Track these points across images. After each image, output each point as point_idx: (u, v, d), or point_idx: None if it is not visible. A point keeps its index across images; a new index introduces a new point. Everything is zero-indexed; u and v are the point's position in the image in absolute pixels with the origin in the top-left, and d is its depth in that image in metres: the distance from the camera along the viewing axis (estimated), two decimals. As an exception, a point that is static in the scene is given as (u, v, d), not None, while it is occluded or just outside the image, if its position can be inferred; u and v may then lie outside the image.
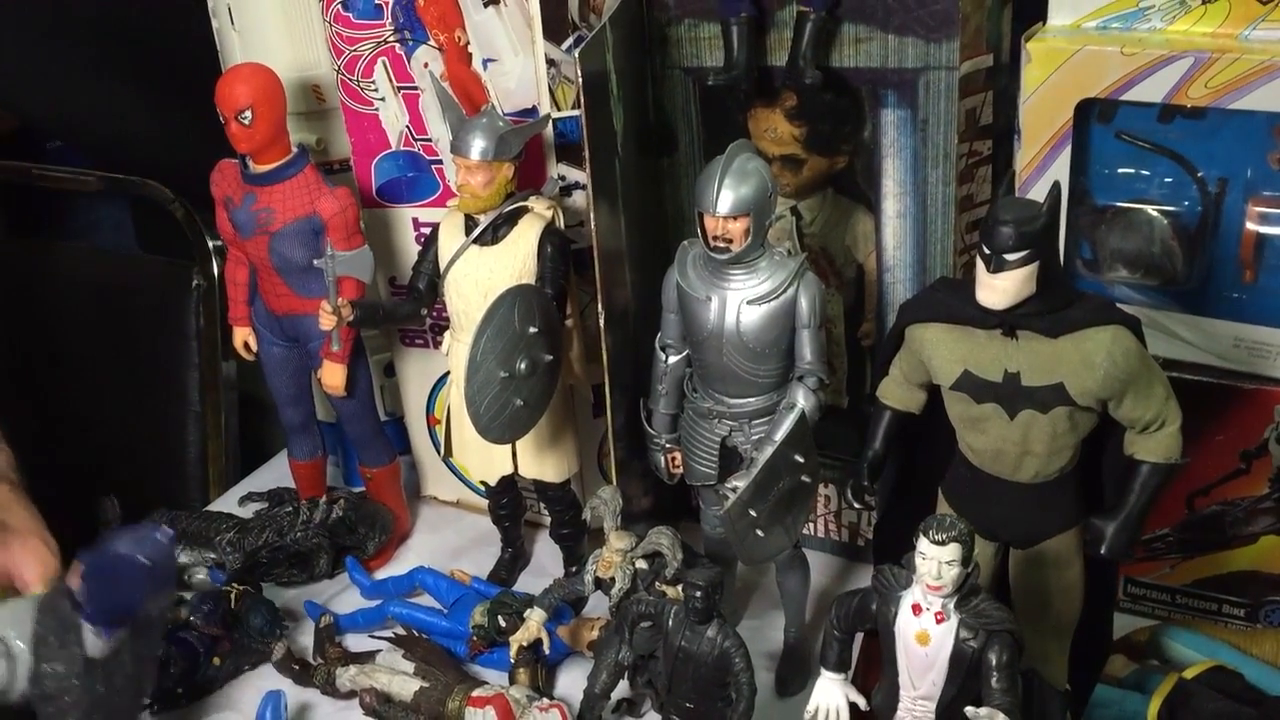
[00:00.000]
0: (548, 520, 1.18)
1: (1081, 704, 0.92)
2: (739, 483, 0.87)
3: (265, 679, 1.09)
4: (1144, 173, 1.00)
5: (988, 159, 1.06)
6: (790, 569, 1.02)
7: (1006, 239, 0.75)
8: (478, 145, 1.00)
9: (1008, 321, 0.78)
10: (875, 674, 0.80)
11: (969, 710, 0.70)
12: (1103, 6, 0.98)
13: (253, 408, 1.60)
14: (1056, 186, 0.77)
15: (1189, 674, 0.93)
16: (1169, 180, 1.00)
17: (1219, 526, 1.03)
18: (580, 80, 0.91)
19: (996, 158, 1.07)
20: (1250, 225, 0.97)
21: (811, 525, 1.19)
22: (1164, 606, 1.08)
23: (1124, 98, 0.95)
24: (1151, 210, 1.00)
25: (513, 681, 1.02)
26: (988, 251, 0.76)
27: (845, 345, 1.12)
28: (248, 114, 1.04)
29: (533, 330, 0.98)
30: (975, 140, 1.05)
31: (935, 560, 0.71)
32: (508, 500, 1.17)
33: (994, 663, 0.72)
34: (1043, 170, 1.00)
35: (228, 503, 1.37)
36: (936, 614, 0.73)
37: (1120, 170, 1.01)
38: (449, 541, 1.28)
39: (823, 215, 1.10)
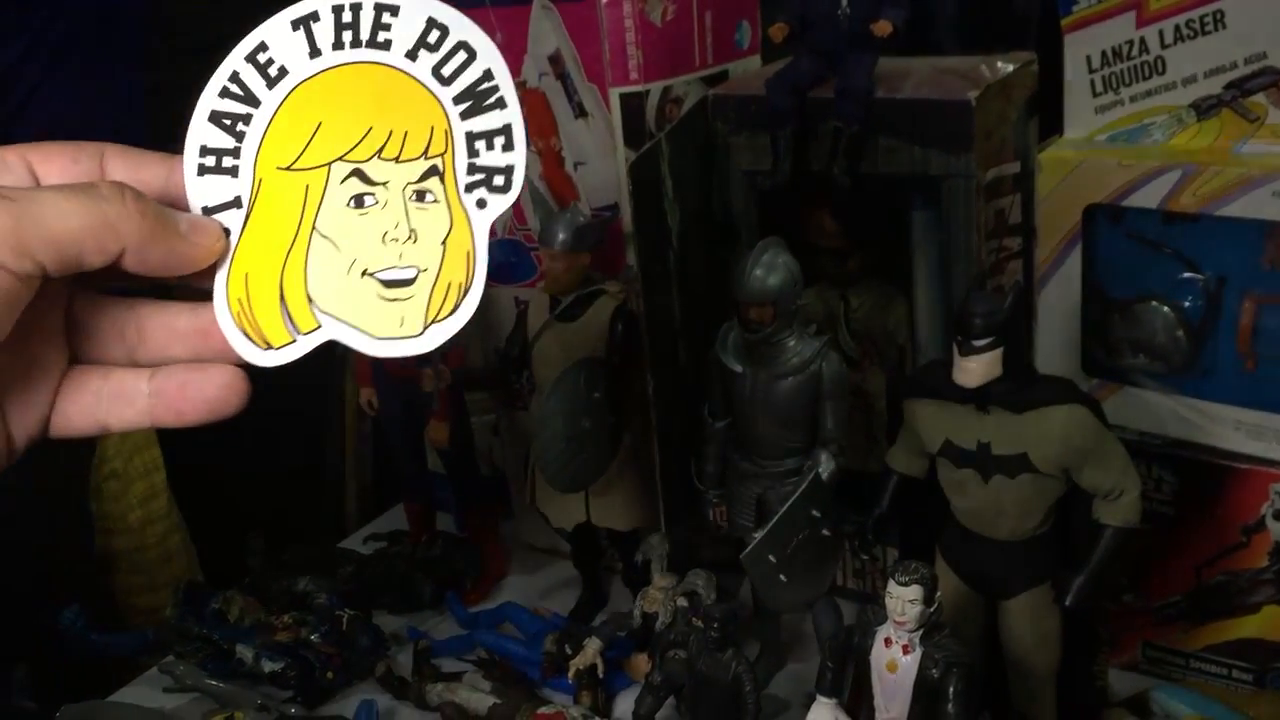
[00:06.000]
0: (621, 567, 1.33)
1: (1071, 748, 1.02)
2: (759, 533, 1.01)
3: (369, 692, 1.26)
4: (1151, 269, 1.11)
5: (1018, 254, 1.18)
6: (822, 615, 1.14)
7: (974, 328, 0.87)
8: (560, 237, 1.18)
9: (979, 398, 0.90)
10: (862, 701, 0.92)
11: (913, 726, 0.82)
12: (1111, 122, 1.10)
13: (388, 462, 1.81)
14: (1018, 285, 0.89)
15: (1175, 726, 1.01)
16: (1174, 277, 1.10)
17: (1225, 595, 1.11)
18: (630, 187, 1.08)
19: (1026, 252, 1.19)
20: (1246, 320, 1.07)
21: (859, 581, 1.31)
22: (1180, 670, 1.16)
23: (1124, 203, 1.06)
24: (1159, 304, 1.11)
25: (576, 702, 1.17)
26: (960, 338, 0.88)
27: (887, 417, 1.24)
28: (373, 208, 1.24)
29: (596, 395, 1.14)
30: (1005, 237, 1.17)
31: (900, 599, 0.84)
32: (586, 547, 1.32)
33: (950, 690, 0.83)
34: (1058, 265, 1.12)
35: (355, 541, 1.56)
36: (903, 646, 0.85)
37: (1130, 266, 1.11)
38: (540, 583, 1.44)
39: (867, 302, 1.24)
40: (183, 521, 1.58)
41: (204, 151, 0.54)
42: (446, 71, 0.53)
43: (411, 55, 0.53)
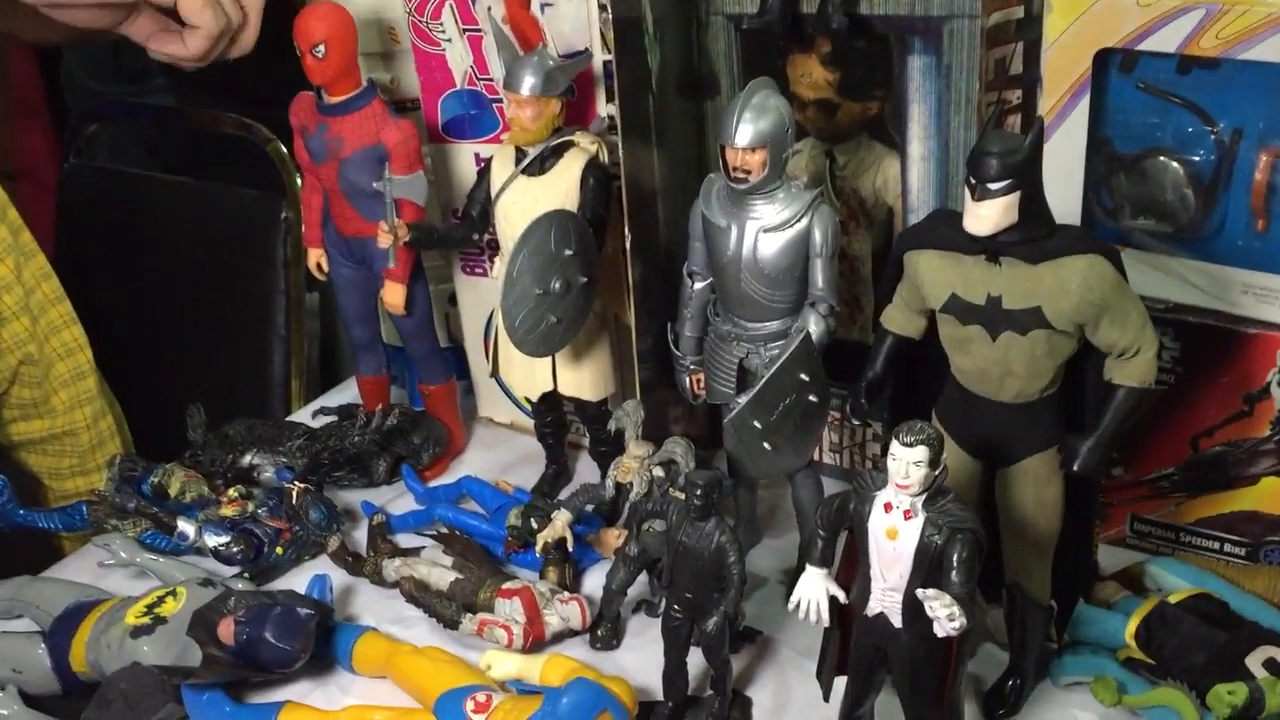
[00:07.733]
0: (588, 440, 1.26)
1: (1065, 620, 0.98)
2: (743, 397, 0.94)
3: (322, 568, 1.19)
4: (1162, 122, 1.04)
5: (1018, 107, 1.11)
6: (803, 486, 1.08)
7: (990, 169, 0.80)
8: (527, 81, 1.08)
9: (991, 247, 0.83)
10: (854, 571, 0.86)
11: (918, 591, 0.76)
12: (1128, -40, 1.02)
13: (335, 339, 1.74)
14: (1039, 122, 0.82)
15: (1173, 599, 0.97)
16: (1186, 130, 1.03)
17: (1222, 467, 1.07)
18: (611, 22, 0.99)
19: (1027, 106, 1.11)
20: (1261, 175, 1.01)
21: (836, 456, 1.25)
22: (1169, 544, 1.12)
23: (1140, 47, 0.99)
24: (1168, 159, 1.04)
25: (542, 578, 1.11)
26: (973, 181, 0.81)
27: (872, 283, 1.18)
28: (321, 48, 1.13)
29: (568, 253, 1.06)
30: (1005, 89, 1.09)
31: (904, 461, 0.77)
32: (551, 419, 1.25)
33: (954, 558, 0.78)
34: (1064, 117, 1.05)
35: (303, 416, 1.48)
36: (905, 511, 0.79)
37: (1139, 119, 1.04)
38: (500, 459, 1.37)
39: (855, 159, 1.16)
40: (114, 402, 1.48)
41: None
42: None
43: None
